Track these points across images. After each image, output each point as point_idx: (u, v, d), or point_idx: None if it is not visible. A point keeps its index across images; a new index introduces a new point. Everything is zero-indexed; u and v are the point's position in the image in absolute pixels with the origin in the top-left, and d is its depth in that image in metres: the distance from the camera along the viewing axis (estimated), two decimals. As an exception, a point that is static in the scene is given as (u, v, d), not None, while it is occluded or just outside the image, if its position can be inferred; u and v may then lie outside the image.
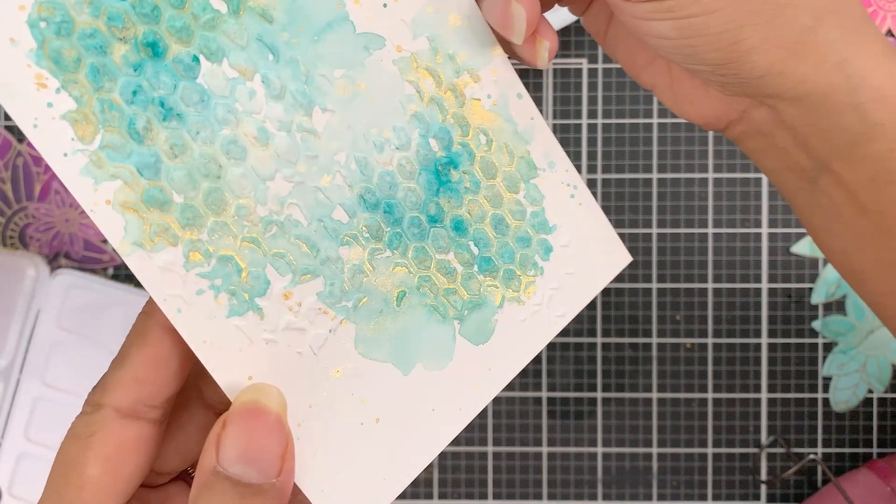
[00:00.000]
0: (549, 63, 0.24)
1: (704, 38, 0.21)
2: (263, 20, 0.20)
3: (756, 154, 0.25)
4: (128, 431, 0.20)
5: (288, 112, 0.20)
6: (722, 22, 0.21)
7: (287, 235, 0.21)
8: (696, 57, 0.22)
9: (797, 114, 0.23)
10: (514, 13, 0.22)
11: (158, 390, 0.20)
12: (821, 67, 0.21)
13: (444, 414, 0.23)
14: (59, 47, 0.18)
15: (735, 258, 0.46)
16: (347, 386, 0.22)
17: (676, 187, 0.46)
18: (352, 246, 0.22)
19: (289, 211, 0.21)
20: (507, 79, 0.23)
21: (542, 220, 0.24)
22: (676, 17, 0.21)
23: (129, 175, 0.19)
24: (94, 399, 0.20)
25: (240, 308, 0.20)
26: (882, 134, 0.22)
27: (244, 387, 0.20)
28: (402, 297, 0.22)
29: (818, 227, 0.25)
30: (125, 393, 0.20)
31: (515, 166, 0.24)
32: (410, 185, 0.22)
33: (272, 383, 0.21)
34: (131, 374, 0.20)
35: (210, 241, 0.20)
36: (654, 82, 0.26)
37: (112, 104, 0.18)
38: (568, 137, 0.46)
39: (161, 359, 0.20)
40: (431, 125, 0.22)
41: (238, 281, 0.20)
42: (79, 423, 0.20)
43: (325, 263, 0.21)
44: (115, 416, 0.20)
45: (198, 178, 0.19)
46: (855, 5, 0.22)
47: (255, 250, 0.20)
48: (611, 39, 0.27)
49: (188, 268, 0.20)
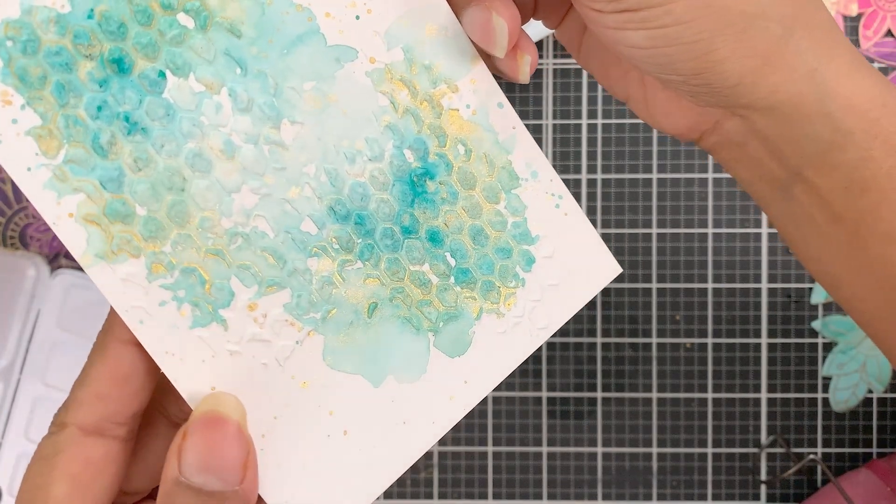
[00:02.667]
0: (530, 77, 0.24)
1: (677, 48, 0.21)
2: (231, 35, 0.20)
3: (730, 164, 0.26)
4: (94, 450, 0.20)
5: (255, 125, 0.20)
6: (695, 32, 0.21)
7: (252, 247, 0.21)
8: (669, 67, 0.22)
9: (769, 123, 0.23)
10: (495, 27, 0.22)
11: (123, 407, 0.20)
12: (791, 77, 0.22)
13: (415, 427, 0.23)
14: (24, 65, 0.18)
15: (735, 258, 0.46)
16: (314, 398, 0.22)
17: (676, 187, 0.46)
18: (320, 257, 0.22)
19: (255, 223, 0.21)
20: (487, 88, 0.23)
21: (525, 230, 0.24)
22: (649, 27, 0.21)
23: (93, 188, 0.19)
24: (58, 419, 0.20)
25: (203, 319, 0.20)
26: (853, 143, 0.22)
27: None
28: (373, 308, 0.22)
29: (793, 235, 0.25)
30: (89, 411, 0.20)
31: (496, 176, 0.24)
32: (383, 197, 0.22)
33: (235, 394, 0.21)
34: (94, 392, 0.20)
35: (173, 252, 0.20)
36: (627, 94, 0.26)
37: (77, 119, 0.19)
38: (568, 137, 0.46)
39: (123, 374, 0.20)
40: (406, 136, 0.22)
41: (202, 292, 0.20)
42: (44, 443, 0.20)
43: (293, 275, 0.21)
44: (80, 434, 0.20)
45: (161, 190, 0.20)
46: (824, 17, 0.22)
47: (220, 262, 0.20)
48: (584, 52, 0.27)
49: (150, 279, 0.20)
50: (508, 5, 0.22)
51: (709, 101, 0.23)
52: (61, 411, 0.20)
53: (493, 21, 0.22)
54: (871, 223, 0.23)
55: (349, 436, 0.22)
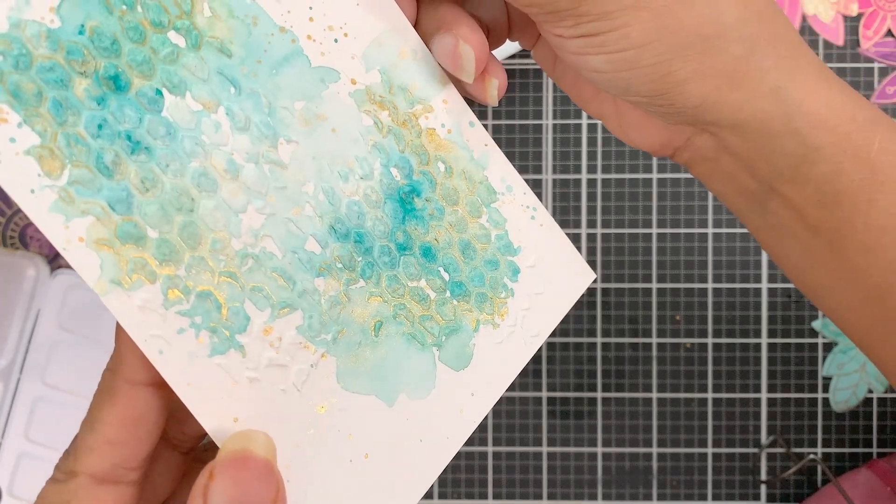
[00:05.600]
0: (499, 100, 0.24)
1: (636, 72, 0.21)
2: (222, 54, 0.20)
3: (705, 178, 0.26)
4: (105, 498, 0.19)
5: (254, 143, 0.20)
6: (652, 55, 0.21)
7: (263, 268, 0.20)
8: (630, 89, 0.22)
9: (738, 140, 0.23)
10: (462, 53, 0.22)
11: (135, 451, 0.20)
12: (755, 95, 0.22)
13: (431, 444, 0.23)
14: (17, 81, 0.17)
15: (735, 258, 0.46)
16: (333, 422, 0.22)
17: (676, 187, 0.46)
18: (326, 277, 0.21)
19: (263, 243, 0.20)
20: (457, 108, 0.24)
21: (507, 242, 0.25)
22: (608, 52, 0.21)
23: (101, 211, 0.18)
24: (66, 466, 0.19)
25: (221, 346, 0.20)
26: (823, 158, 0.22)
27: (231, 432, 0.19)
28: (379, 326, 0.22)
29: (774, 247, 0.26)
30: (100, 458, 0.19)
31: (476, 192, 0.24)
32: (378, 214, 0.22)
33: (258, 424, 0.20)
34: (105, 438, 0.19)
35: (188, 276, 0.19)
36: (600, 112, 0.27)
37: (77, 138, 0.18)
38: (568, 138, 0.46)
39: (134, 417, 0.19)
40: (391, 155, 0.23)
41: (218, 318, 0.20)
42: (51, 490, 0.19)
43: (303, 296, 0.21)
44: (91, 483, 0.19)
45: (171, 211, 0.19)
46: (789, 32, 0.22)
47: (233, 285, 0.20)
48: (558, 72, 0.27)
49: (167, 306, 0.19)
50: (475, 31, 0.22)
51: (676, 119, 0.23)
52: (70, 458, 0.19)
53: (460, 48, 0.22)
54: (848, 234, 0.23)
55: (370, 458, 0.22)
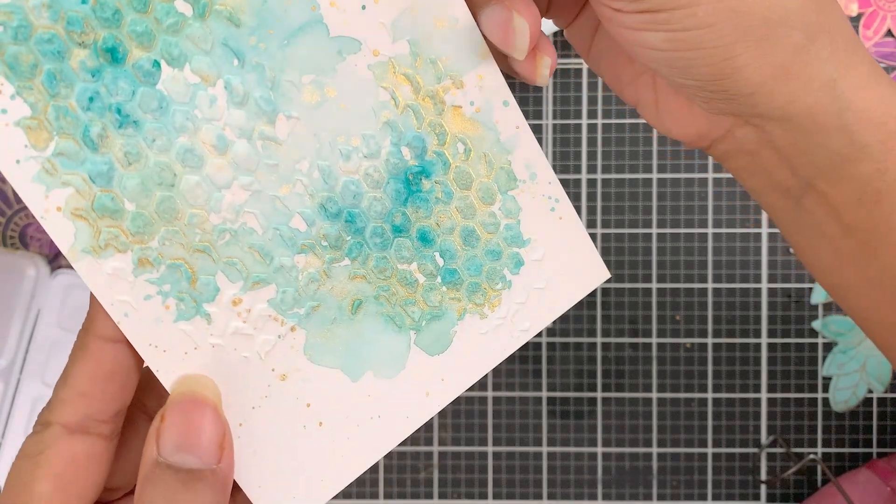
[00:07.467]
0: (548, 80, 0.23)
1: (697, 53, 0.21)
2: (230, 24, 0.19)
3: (740, 173, 0.25)
4: (77, 447, 0.20)
5: (250, 119, 0.20)
6: (716, 37, 0.20)
7: (240, 244, 0.21)
8: (686, 71, 0.21)
9: (783, 134, 0.22)
10: (516, 27, 0.21)
11: (106, 404, 0.20)
12: (809, 87, 0.21)
13: (389, 421, 0.23)
14: (15, 53, 0.17)
15: (735, 258, 0.46)
16: (293, 390, 0.22)
17: (676, 187, 0.46)
18: (308, 254, 0.22)
19: (243, 219, 0.21)
20: (493, 85, 0.22)
21: (517, 233, 0.24)
22: (670, 30, 0.20)
23: (82, 182, 0.19)
24: (42, 418, 0.20)
25: (187, 313, 0.21)
26: (868, 156, 0.22)
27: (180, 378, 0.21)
28: (357, 305, 0.22)
29: (803, 244, 0.25)
30: (72, 409, 0.20)
31: (493, 177, 0.23)
32: (376, 195, 0.22)
33: (217, 384, 0.21)
34: (77, 390, 0.20)
35: (160, 248, 0.20)
36: (637, 98, 0.26)
37: (67, 111, 0.18)
38: (568, 137, 0.46)
39: (105, 372, 0.20)
40: (405, 133, 0.22)
41: (187, 287, 0.20)
42: (28, 442, 0.20)
43: (279, 271, 0.21)
44: (64, 432, 0.20)
45: (151, 186, 0.19)
46: (845, 26, 0.22)
47: (207, 258, 0.20)
48: (595, 53, 0.26)
49: (137, 274, 0.20)
50: (529, 4, 0.21)
51: (722, 108, 0.23)
52: (45, 411, 0.20)
53: (513, 21, 0.21)
54: (884, 233, 0.23)
55: (324, 427, 0.23)
